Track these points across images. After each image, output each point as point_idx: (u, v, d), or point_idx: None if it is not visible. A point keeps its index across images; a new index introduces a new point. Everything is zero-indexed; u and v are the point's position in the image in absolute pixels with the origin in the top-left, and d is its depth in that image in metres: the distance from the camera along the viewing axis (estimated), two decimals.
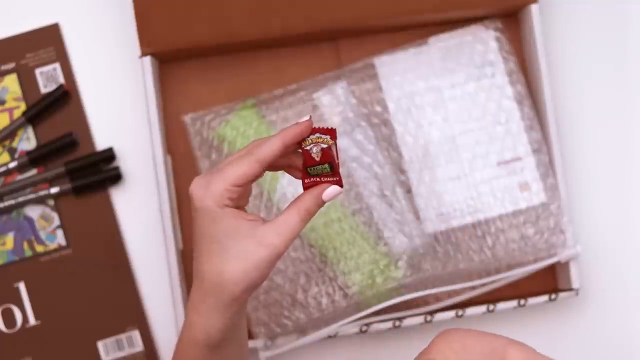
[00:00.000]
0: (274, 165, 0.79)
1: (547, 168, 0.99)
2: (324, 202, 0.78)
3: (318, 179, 0.78)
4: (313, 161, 0.78)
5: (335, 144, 0.79)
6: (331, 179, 0.78)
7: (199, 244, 0.77)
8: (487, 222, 0.99)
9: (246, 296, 0.77)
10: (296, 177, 0.80)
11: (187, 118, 1.01)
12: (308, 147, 0.78)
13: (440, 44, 1.01)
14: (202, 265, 0.77)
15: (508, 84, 1.00)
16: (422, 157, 1.00)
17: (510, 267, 0.99)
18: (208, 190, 0.76)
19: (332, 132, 0.79)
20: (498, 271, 0.98)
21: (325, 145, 0.78)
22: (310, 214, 0.77)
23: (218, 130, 1.00)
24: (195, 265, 0.78)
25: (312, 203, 0.78)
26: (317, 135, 0.79)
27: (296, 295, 0.98)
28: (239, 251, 0.75)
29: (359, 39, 1.04)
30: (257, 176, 0.77)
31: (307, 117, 0.78)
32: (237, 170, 0.76)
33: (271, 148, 0.76)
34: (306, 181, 0.79)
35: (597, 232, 1.05)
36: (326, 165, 0.78)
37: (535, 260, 0.99)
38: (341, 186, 0.78)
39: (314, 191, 0.78)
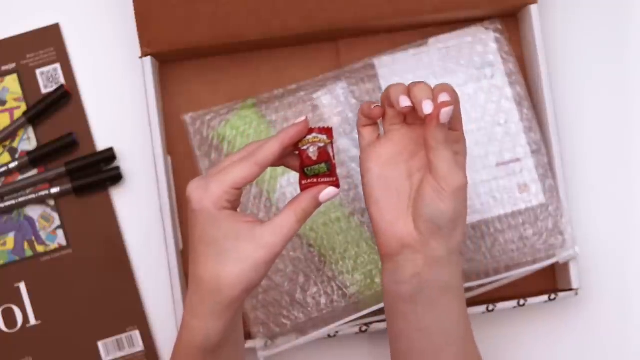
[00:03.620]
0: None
1: (546, 169, 0.99)
2: (320, 203, 0.79)
3: (315, 180, 0.79)
4: (310, 161, 0.79)
5: (332, 144, 0.79)
6: (328, 179, 0.79)
7: (195, 246, 0.77)
8: (486, 223, 0.99)
9: (244, 297, 0.77)
10: (294, 170, 0.81)
11: (187, 117, 1.01)
12: (305, 147, 0.79)
13: (440, 44, 1.01)
14: (199, 270, 0.77)
15: (507, 85, 1.00)
16: None
17: (508, 268, 0.99)
18: (207, 193, 0.76)
19: (328, 132, 0.79)
20: (497, 272, 0.98)
21: (322, 145, 0.79)
22: (306, 215, 0.78)
23: (218, 129, 1.00)
24: (191, 268, 0.78)
25: (308, 204, 0.78)
26: (314, 135, 0.79)
27: (295, 295, 0.98)
28: (238, 253, 0.76)
29: (359, 39, 1.04)
30: (256, 178, 0.78)
31: (303, 118, 0.79)
32: (237, 174, 0.77)
33: (270, 151, 0.77)
34: (303, 182, 0.79)
35: (596, 232, 1.05)
36: (323, 165, 0.79)
37: (534, 261, 0.99)
38: (338, 187, 0.79)
39: (311, 192, 0.78)
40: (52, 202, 1.03)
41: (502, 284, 1.00)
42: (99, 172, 1.03)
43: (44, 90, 1.05)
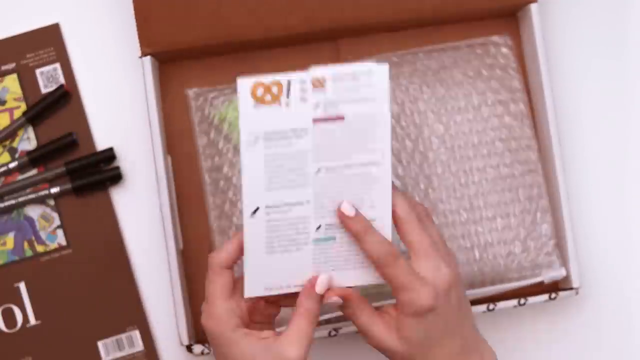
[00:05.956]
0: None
1: (541, 189, 0.99)
2: (321, 296, 0.79)
3: None
4: None
5: None
6: None
7: None
8: (477, 235, 0.99)
9: None
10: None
11: (191, 92, 1.01)
12: None
13: (450, 52, 1.01)
14: None
15: (511, 102, 1.00)
16: (419, 164, 0.99)
17: (494, 283, 0.99)
18: (213, 317, 0.78)
19: None
20: (482, 285, 0.98)
21: None
22: (314, 313, 0.78)
23: (220, 110, 1.00)
24: None
25: (309, 301, 0.78)
26: None
27: None
28: None
29: (359, 39, 1.04)
30: (232, 281, 0.79)
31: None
32: (213, 285, 0.79)
33: (226, 249, 0.79)
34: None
35: (596, 231, 1.05)
36: None
37: (519, 279, 0.99)
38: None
39: (305, 290, 0.78)
40: (52, 202, 1.04)
41: (486, 296, 1.00)
42: (99, 172, 1.03)
43: (44, 90, 1.05)
